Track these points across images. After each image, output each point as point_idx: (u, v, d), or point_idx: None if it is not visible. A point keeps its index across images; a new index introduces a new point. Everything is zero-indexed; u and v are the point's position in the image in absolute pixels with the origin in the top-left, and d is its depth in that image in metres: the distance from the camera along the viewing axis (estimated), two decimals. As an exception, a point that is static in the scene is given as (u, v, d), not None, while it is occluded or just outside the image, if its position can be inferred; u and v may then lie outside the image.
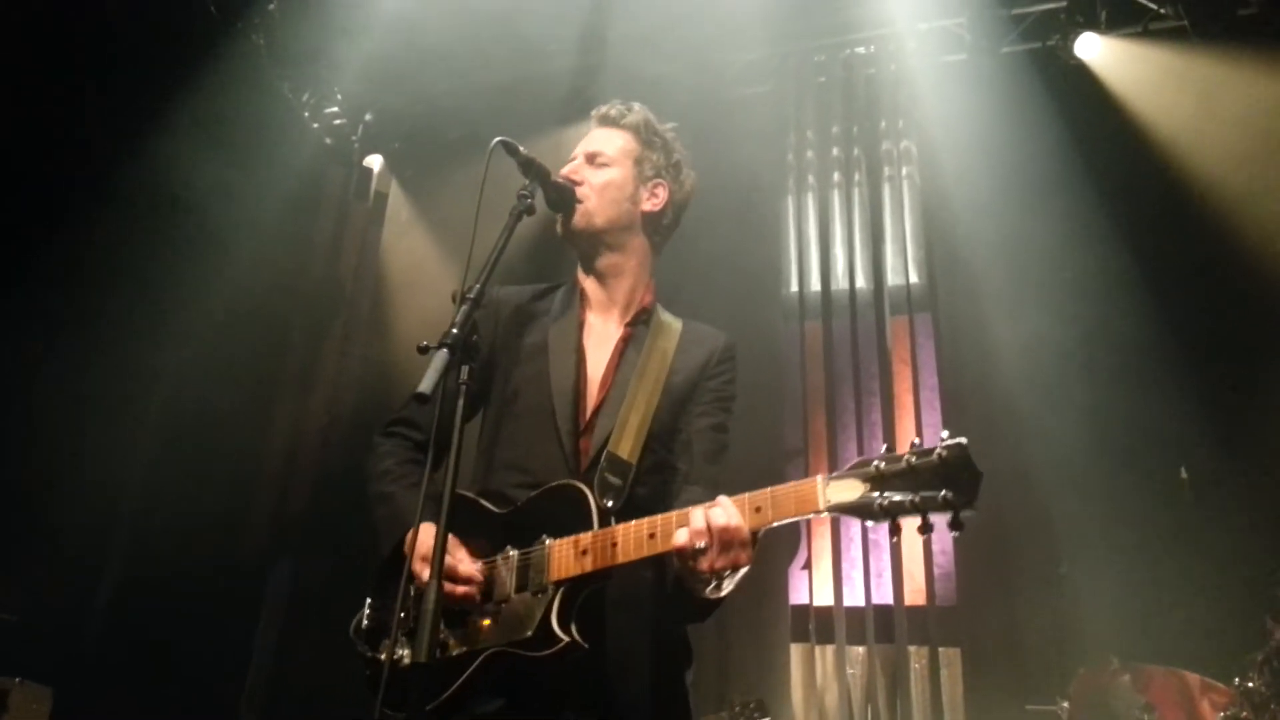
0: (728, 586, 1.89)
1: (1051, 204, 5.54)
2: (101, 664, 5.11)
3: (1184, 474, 4.46)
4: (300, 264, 6.80)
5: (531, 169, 2.15)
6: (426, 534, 1.86)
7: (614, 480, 2.04)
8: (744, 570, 1.85)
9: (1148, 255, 5.34)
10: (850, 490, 1.70)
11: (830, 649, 5.32)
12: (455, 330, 1.79)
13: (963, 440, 1.65)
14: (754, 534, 1.81)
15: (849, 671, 5.22)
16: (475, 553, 2.04)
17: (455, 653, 1.95)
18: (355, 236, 7.08)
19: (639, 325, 2.31)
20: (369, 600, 2.14)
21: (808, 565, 5.55)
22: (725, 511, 1.80)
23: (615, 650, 2.00)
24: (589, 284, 2.36)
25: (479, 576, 1.98)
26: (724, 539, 1.78)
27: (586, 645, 1.87)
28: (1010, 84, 5.97)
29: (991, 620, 5.21)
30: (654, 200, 2.37)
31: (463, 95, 6.79)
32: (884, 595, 5.35)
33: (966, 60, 6.21)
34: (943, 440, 1.66)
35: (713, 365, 2.29)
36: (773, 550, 5.74)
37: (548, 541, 1.97)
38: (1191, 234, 5.37)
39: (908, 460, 1.66)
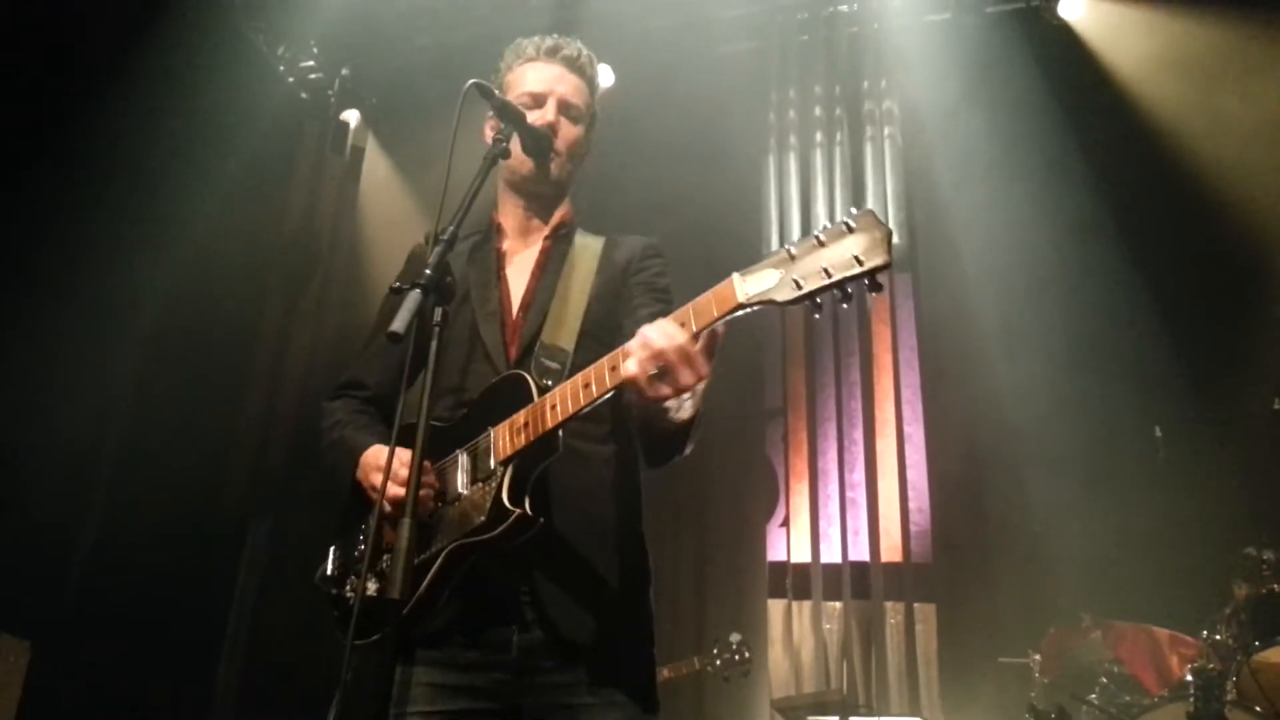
0: (690, 407, 1.85)
1: (1033, 165, 5.54)
2: (80, 618, 5.10)
3: (1158, 433, 4.51)
4: (275, 219, 6.72)
5: (507, 112, 2.13)
6: (377, 450, 2.00)
7: (551, 365, 2.03)
8: (704, 384, 1.78)
9: (1128, 216, 5.37)
10: (765, 279, 1.65)
11: (807, 605, 5.37)
12: (428, 271, 1.77)
13: (870, 208, 1.62)
14: (706, 345, 1.74)
15: (825, 626, 5.28)
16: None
17: (416, 561, 1.91)
18: (331, 191, 7.00)
19: (559, 239, 2.31)
20: (332, 548, 2.14)
21: (785, 523, 5.59)
22: (660, 330, 1.73)
23: (573, 556, 1.98)
24: (510, 216, 2.34)
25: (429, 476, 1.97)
26: (678, 356, 1.70)
27: (540, 519, 1.86)
28: (994, 44, 5.95)
29: (966, 577, 5.28)
30: (589, 157, 2.40)
31: (441, 50, 6.70)
32: (860, 552, 5.40)
33: (950, 20, 6.17)
34: (851, 212, 1.63)
35: (636, 261, 2.26)
36: (751, 508, 5.79)
37: (490, 430, 1.96)
38: (1172, 194, 5.40)
39: (816, 237, 1.63)
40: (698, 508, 5.88)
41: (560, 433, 1.89)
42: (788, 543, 5.55)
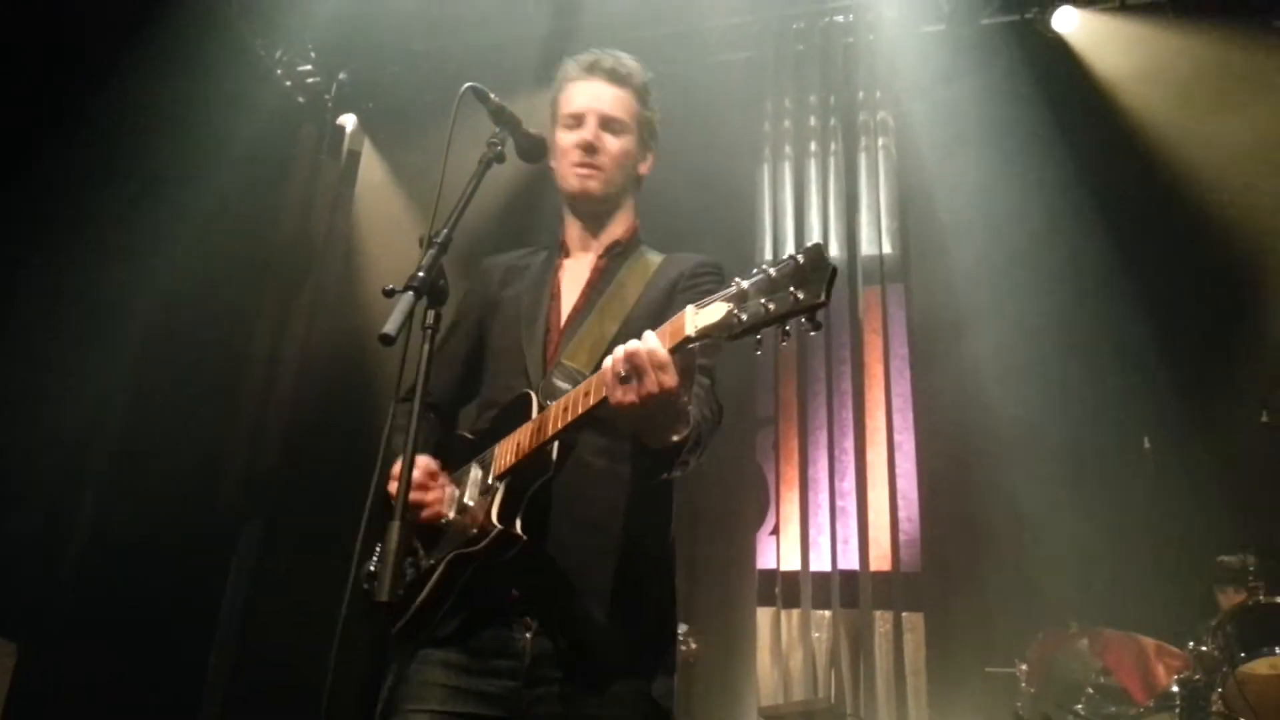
0: (674, 434, 1.87)
1: (1026, 176, 5.56)
2: (69, 619, 5.08)
3: (1147, 445, 4.53)
4: (270, 222, 6.72)
5: (502, 117, 2.15)
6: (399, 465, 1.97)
7: (561, 385, 2.03)
8: (690, 412, 1.88)
9: (1122, 230, 5.38)
10: (715, 313, 1.67)
11: (796, 613, 5.38)
12: (421, 274, 1.79)
13: (819, 242, 1.63)
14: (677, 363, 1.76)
15: (814, 635, 5.29)
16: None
17: (425, 565, 2.02)
18: (327, 195, 7.01)
19: (614, 257, 2.33)
20: (378, 545, 2.18)
21: (775, 531, 5.61)
22: (642, 339, 1.76)
23: (584, 573, 2.00)
24: (572, 232, 2.38)
25: (437, 481, 2.05)
26: (647, 358, 1.72)
27: (525, 536, 1.90)
28: (988, 56, 5.98)
29: (955, 586, 5.29)
30: (645, 165, 2.42)
31: (438, 56, 6.72)
32: (850, 561, 5.41)
33: (944, 31, 6.19)
34: (804, 247, 1.64)
35: (685, 279, 2.24)
36: (741, 516, 5.80)
37: (495, 446, 2.03)
38: (1165, 207, 5.43)
39: (767, 272, 1.64)
40: (688, 514, 5.85)
41: (553, 452, 1.93)
42: (777, 550, 5.57)
